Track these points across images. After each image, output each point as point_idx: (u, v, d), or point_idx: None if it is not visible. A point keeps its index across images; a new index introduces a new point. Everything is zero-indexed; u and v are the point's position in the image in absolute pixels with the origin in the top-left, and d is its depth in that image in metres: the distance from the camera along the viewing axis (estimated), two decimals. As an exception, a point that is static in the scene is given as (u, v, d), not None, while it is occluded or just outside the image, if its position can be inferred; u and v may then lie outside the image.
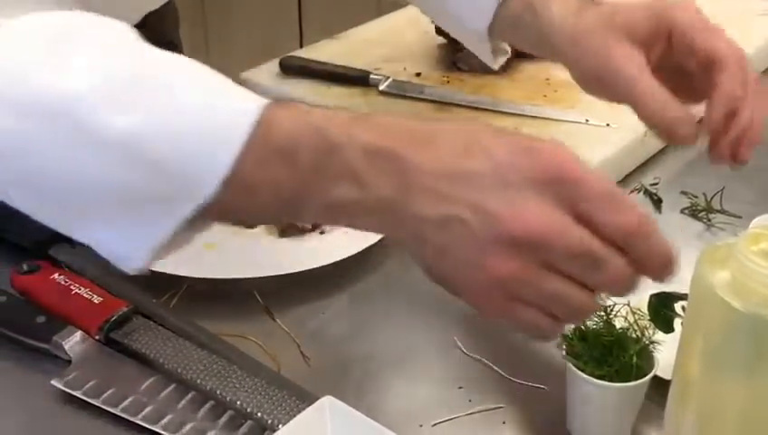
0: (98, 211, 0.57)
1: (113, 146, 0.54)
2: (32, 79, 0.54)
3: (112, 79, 0.54)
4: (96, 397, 0.65)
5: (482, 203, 0.52)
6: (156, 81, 0.55)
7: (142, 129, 0.54)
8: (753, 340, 0.44)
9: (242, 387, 0.65)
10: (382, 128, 0.56)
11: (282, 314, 0.75)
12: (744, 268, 0.44)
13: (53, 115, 0.54)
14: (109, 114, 0.53)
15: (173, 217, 0.56)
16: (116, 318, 0.70)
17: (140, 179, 0.55)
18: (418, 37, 1.19)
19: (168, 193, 0.55)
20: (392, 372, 0.70)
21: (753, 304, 0.43)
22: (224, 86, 0.57)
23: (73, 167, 0.55)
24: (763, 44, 1.20)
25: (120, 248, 0.58)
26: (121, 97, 0.54)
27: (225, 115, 0.55)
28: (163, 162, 0.54)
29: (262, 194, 0.56)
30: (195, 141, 0.54)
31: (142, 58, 0.57)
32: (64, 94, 0.53)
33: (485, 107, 1.02)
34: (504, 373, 0.69)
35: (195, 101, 0.55)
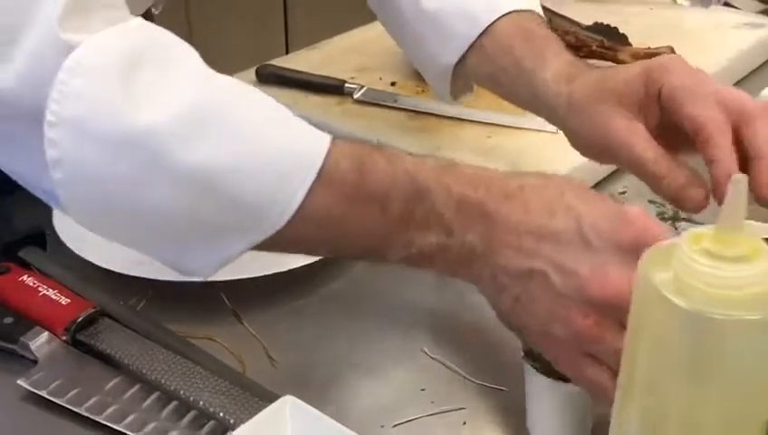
0: (170, 236, 0.60)
1: (186, 179, 0.56)
2: (107, 110, 0.55)
3: (186, 112, 0.56)
4: (61, 396, 0.66)
5: (564, 261, 0.55)
6: (228, 114, 0.57)
7: (214, 163, 0.56)
8: (696, 338, 0.45)
9: (205, 387, 0.65)
10: (471, 178, 0.59)
11: (249, 316, 0.76)
12: (686, 267, 0.44)
13: (128, 147, 0.55)
14: (182, 148, 0.55)
15: (243, 244, 0.59)
16: (82, 319, 0.70)
17: (212, 211, 0.57)
18: (394, 48, 1.19)
19: (239, 224, 0.58)
20: (357, 374, 0.71)
21: (696, 302, 0.44)
22: (293, 121, 0.60)
23: (147, 197, 0.57)
24: (735, 56, 1.21)
25: (189, 266, 0.61)
26: (194, 131, 0.56)
27: (296, 152, 0.58)
28: (234, 196, 0.57)
29: (351, 233, 0.60)
30: (266, 178, 0.57)
31: (212, 89, 0.58)
32: (139, 127, 0.55)
33: (458, 116, 1.03)
34: (467, 376, 0.70)
35: (267, 136, 0.58)
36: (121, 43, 0.57)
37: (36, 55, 0.55)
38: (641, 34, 1.18)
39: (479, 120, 1.02)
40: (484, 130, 1.01)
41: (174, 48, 0.59)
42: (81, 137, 0.55)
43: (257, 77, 1.11)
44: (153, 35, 0.59)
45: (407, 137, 1.00)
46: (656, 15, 1.35)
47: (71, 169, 0.56)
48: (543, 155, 0.96)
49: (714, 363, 0.45)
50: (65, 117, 0.55)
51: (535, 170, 0.62)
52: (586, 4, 0.80)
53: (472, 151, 0.97)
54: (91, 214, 0.60)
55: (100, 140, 0.55)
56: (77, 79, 0.55)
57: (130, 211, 0.58)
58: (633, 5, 1.37)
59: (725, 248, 0.44)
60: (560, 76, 0.75)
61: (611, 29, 1.17)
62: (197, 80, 0.58)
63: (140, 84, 0.56)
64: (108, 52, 0.56)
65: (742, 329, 0.44)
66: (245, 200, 0.57)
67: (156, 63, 0.57)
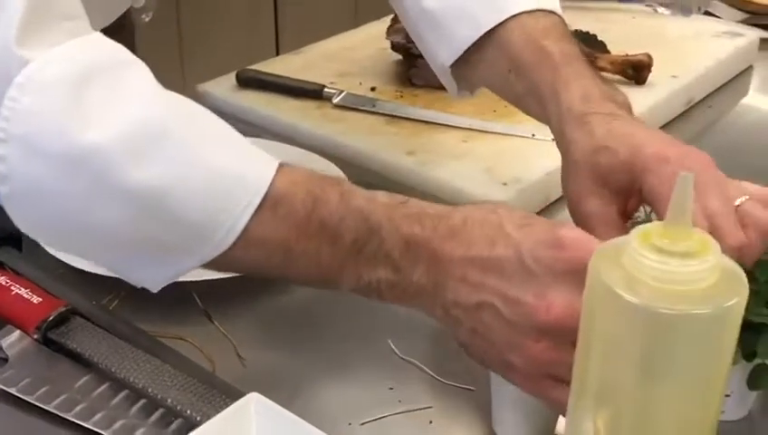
0: (116, 251, 0.61)
1: (131, 197, 0.57)
2: (55, 127, 0.56)
3: (133, 131, 0.56)
4: (30, 394, 0.66)
5: (509, 292, 0.57)
6: (175, 135, 0.58)
7: (160, 183, 0.56)
8: (646, 333, 0.46)
9: (173, 385, 0.66)
10: (420, 216, 0.60)
11: (220, 316, 0.76)
12: (636, 263, 0.45)
13: (74, 165, 0.56)
14: (128, 166, 0.56)
15: (189, 263, 0.60)
16: (54, 318, 0.70)
17: (156, 230, 0.58)
18: (375, 53, 1.21)
19: (184, 244, 0.59)
20: (326, 373, 0.71)
21: (645, 298, 0.45)
22: (242, 144, 0.61)
23: (93, 214, 0.57)
24: (713, 64, 1.23)
25: (136, 279, 0.63)
26: (141, 150, 0.56)
27: (243, 175, 0.59)
28: (179, 216, 0.57)
29: (301, 261, 0.60)
30: (211, 199, 0.57)
31: (161, 108, 0.59)
32: (84, 145, 0.55)
33: (435, 121, 1.04)
34: (435, 375, 0.71)
35: (213, 158, 0.59)
36: (73, 60, 0.57)
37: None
38: (622, 42, 1.19)
39: (455, 125, 1.03)
40: (460, 134, 1.02)
41: (126, 65, 0.60)
42: (29, 154, 0.56)
43: (237, 81, 1.12)
44: (106, 51, 0.60)
45: (384, 141, 1.01)
46: (637, 24, 1.36)
47: (18, 184, 0.57)
48: (518, 159, 0.97)
49: (664, 358, 0.46)
50: (14, 134, 0.56)
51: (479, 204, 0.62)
52: (568, 13, 0.80)
53: (448, 155, 0.98)
54: (38, 228, 0.61)
55: (48, 157, 0.56)
56: (27, 96, 0.56)
57: (77, 227, 0.59)
58: (615, 14, 1.38)
59: (673, 244, 0.44)
60: (569, 114, 0.71)
61: (590, 36, 1.18)
62: (147, 99, 0.59)
63: (90, 102, 0.56)
64: (59, 67, 0.56)
65: (691, 323, 0.45)
66: (190, 220, 0.58)
67: (107, 81, 0.58)
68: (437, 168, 0.96)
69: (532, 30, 0.77)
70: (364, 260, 0.60)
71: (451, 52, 0.82)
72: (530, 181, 0.93)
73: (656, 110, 1.10)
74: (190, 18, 2.24)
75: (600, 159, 0.68)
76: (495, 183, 0.92)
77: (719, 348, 0.46)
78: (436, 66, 0.86)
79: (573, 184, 0.70)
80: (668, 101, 1.13)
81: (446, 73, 0.85)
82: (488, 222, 0.59)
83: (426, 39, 0.86)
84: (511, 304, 0.56)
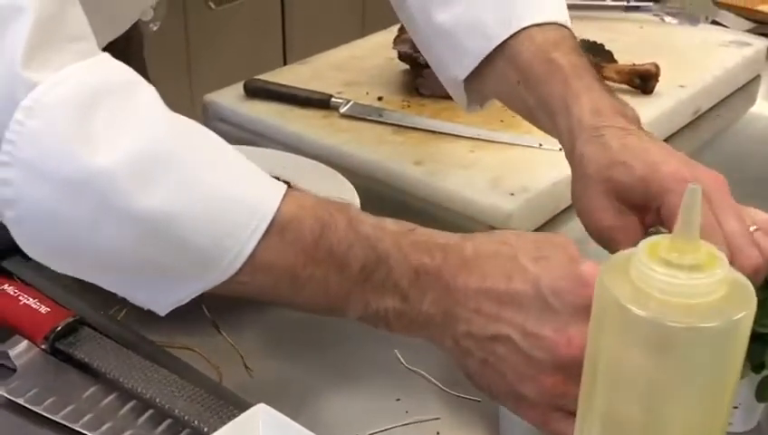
0: (121, 275, 0.61)
1: (138, 222, 0.57)
2: (61, 151, 0.56)
3: (140, 155, 0.56)
4: (38, 404, 0.66)
5: (526, 324, 0.57)
6: (182, 159, 0.58)
7: (166, 208, 0.56)
8: (654, 346, 0.46)
9: (181, 396, 0.66)
10: (428, 245, 0.60)
11: (228, 327, 0.77)
12: (643, 275, 0.45)
13: (81, 188, 0.56)
14: (135, 191, 0.56)
15: (195, 288, 0.60)
16: (62, 328, 0.71)
17: (162, 255, 0.58)
18: (382, 63, 1.21)
19: (190, 269, 0.59)
20: (333, 384, 0.72)
21: (653, 311, 0.45)
22: (249, 169, 0.61)
23: (99, 238, 0.57)
24: (721, 74, 1.22)
25: (142, 302, 0.63)
26: (148, 175, 0.56)
27: (249, 201, 0.59)
28: (185, 241, 0.57)
29: (308, 288, 0.60)
30: (217, 225, 0.57)
31: (168, 133, 0.59)
32: (91, 169, 0.55)
33: (442, 130, 1.04)
34: (442, 386, 0.71)
35: (220, 184, 0.59)
36: (80, 82, 0.57)
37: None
38: (629, 52, 1.19)
39: (462, 135, 1.03)
40: (468, 144, 1.02)
41: (133, 88, 0.60)
42: (35, 177, 0.56)
43: (245, 91, 1.12)
44: (113, 73, 0.60)
45: (391, 150, 1.01)
46: (644, 33, 1.36)
47: (24, 208, 0.57)
48: (525, 169, 0.97)
49: (672, 371, 0.46)
50: (20, 157, 0.56)
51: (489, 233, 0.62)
52: (575, 22, 0.80)
53: (455, 165, 0.98)
54: (45, 252, 0.61)
55: (55, 181, 0.56)
56: (33, 120, 0.55)
57: (83, 250, 0.59)
58: (622, 23, 1.38)
59: (681, 257, 0.44)
60: (580, 128, 0.71)
61: (597, 45, 1.18)
62: (154, 123, 0.59)
63: (97, 125, 0.56)
64: (66, 91, 0.56)
65: (699, 337, 0.45)
66: (196, 246, 0.58)
67: (114, 103, 0.57)
68: (445, 177, 0.96)
69: (542, 42, 0.77)
70: (372, 288, 0.59)
71: (463, 65, 0.82)
72: (537, 191, 0.93)
73: (663, 119, 1.10)
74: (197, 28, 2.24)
75: (616, 174, 0.68)
76: (503, 193, 0.92)
77: (727, 361, 0.46)
78: (448, 79, 0.86)
79: (587, 198, 0.70)
80: (676, 110, 1.13)
81: (457, 87, 0.85)
82: (502, 254, 0.59)
83: (436, 52, 0.86)
84: (530, 338, 0.56)
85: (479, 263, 0.59)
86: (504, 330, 0.57)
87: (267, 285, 0.60)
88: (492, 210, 0.91)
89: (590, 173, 0.69)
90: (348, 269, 0.59)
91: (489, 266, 0.58)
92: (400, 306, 0.59)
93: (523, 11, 0.78)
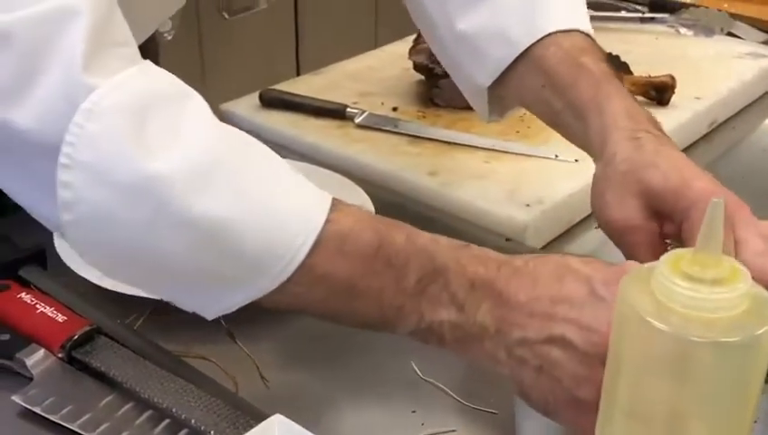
0: (172, 281, 0.61)
1: (192, 227, 0.57)
2: (121, 154, 0.56)
3: (197, 161, 0.57)
4: (55, 413, 0.66)
5: (581, 320, 0.56)
6: (235, 166, 0.59)
7: (220, 213, 0.57)
8: (675, 360, 0.45)
9: (197, 406, 0.66)
10: (482, 258, 0.60)
11: (244, 336, 0.76)
12: (665, 289, 0.45)
13: (139, 192, 0.56)
14: (191, 196, 0.56)
15: (245, 295, 0.60)
16: (78, 337, 0.71)
17: (214, 261, 0.58)
18: (398, 73, 1.22)
19: (241, 276, 0.59)
20: (349, 395, 0.71)
21: (675, 325, 0.44)
22: (299, 180, 0.61)
23: (153, 242, 0.58)
24: (737, 86, 1.22)
25: (190, 308, 0.63)
26: (202, 180, 0.57)
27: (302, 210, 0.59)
28: (237, 248, 0.58)
29: (361, 299, 0.60)
30: (270, 232, 0.58)
31: (222, 139, 0.60)
32: (149, 174, 0.56)
33: (457, 141, 1.04)
34: (458, 398, 0.70)
35: (272, 191, 0.59)
36: (136, 87, 0.58)
37: (55, 97, 0.56)
38: (645, 63, 1.19)
39: (478, 146, 1.03)
40: (483, 155, 1.02)
41: (186, 96, 0.60)
42: (95, 180, 0.56)
43: (261, 101, 1.13)
44: (164, 80, 0.60)
45: (406, 161, 1.01)
46: (660, 45, 1.36)
47: (83, 211, 0.57)
48: (541, 180, 0.97)
49: (693, 385, 0.46)
50: (79, 160, 0.56)
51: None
52: (592, 34, 0.80)
53: (470, 176, 0.98)
54: (98, 254, 0.61)
55: (113, 185, 0.56)
56: (93, 123, 0.56)
57: (138, 255, 0.59)
58: (638, 35, 1.38)
59: (704, 271, 0.44)
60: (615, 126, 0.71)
61: (613, 57, 1.17)
62: (209, 129, 0.59)
63: (153, 130, 0.57)
64: (123, 95, 0.57)
65: (721, 351, 0.45)
66: (249, 252, 0.58)
67: (169, 110, 0.58)
68: (460, 188, 0.96)
69: (570, 47, 0.77)
70: (427, 301, 0.59)
71: (488, 72, 0.81)
72: (553, 202, 0.93)
73: (679, 131, 1.10)
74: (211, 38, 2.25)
75: (648, 177, 0.68)
76: (518, 204, 0.92)
77: (749, 376, 0.46)
78: (470, 88, 0.86)
79: (612, 195, 0.70)
80: (692, 122, 1.13)
81: (479, 95, 0.85)
82: (552, 261, 0.59)
83: (459, 61, 0.85)
84: (585, 332, 0.55)
85: (529, 269, 0.59)
86: (559, 329, 0.56)
87: (322, 297, 0.60)
88: (507, 221, 0.91)
89: (621, 170, 0.69)
90: (405, 280, 0.59)
91: (540, 272, 0.59)
92: (456, 318, 0.59)
93: (547, 17, 0.79)
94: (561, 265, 0.58)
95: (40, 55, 0.56)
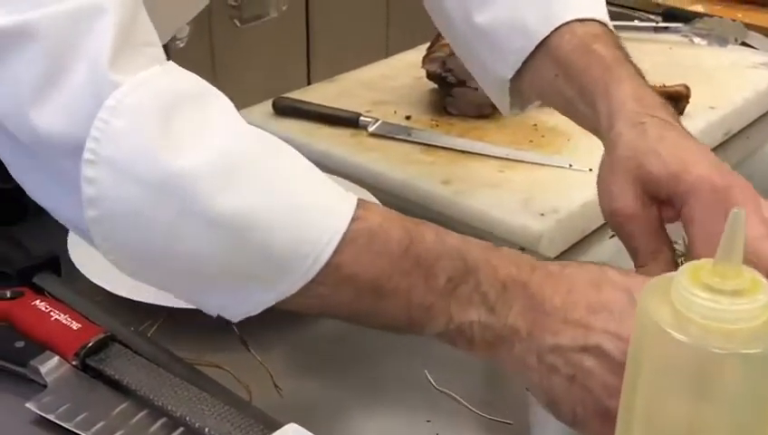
0: (197, 280, 0.61)
1: (217, 225, 0.57)
2: (146, 151, 0.56)
3: (222, 158, 0.57)
4: (69, 420, 0.66)
5: (619, 330, 0.55)
6: (262, 163, 0.58)
7: (247, 211, 0.56)
8: (695, 371, 0.45)
9: (211, 414, 0.66)
10: (515, 259, 0.59)
11: (257, 344, 0.76)
12: (685, 301, 0.44)
13: (163, 190, 0.56)
14: (216, 193, 0.56)
15: (271, 296, 0.59)
16: (92, 344, 0.71)
17: (240, 259, 0.58)
18: (411, 82, 1.21)
19: (267, 275, 0.58)
20: (363, 404, 0.71)
21: (695, 336, 0.44)
22: (323, 179, 0.61)
23: (178, 239, 0.57)
24: (751, 96, 1.22)
25: (213, 310, 0.63)
26: (229, 177, 0.56)
27: (328, 208, 0.58)
28: (264, 245, 0.57)
29: (389, 298, 0.59)
30: (296, 230, 0.57)
31: (247, 138, 0.60)
32: (174, 171, 0.56)
33: (471, 150, 1.04)
34: (473, 408, 0.70)
35: (297, 189, 0.59)
36: (161, 85, 0.58)
37: (81, 94, 0.56)
38: (659, 73, 1.18)
39: (491, 155, 1.03)
40: (497, 164, 1.01)
41: (210, 95, 0.60)
42: (119, 176, 0.56)
43: (274, 109, 1.13)
44: (189, 80, 0.60)
45: (420, 170, 1.01)
46: (674, 55, 1.36)
47: (107, 208, 0.57)
48: (556, 189, 0.96)
49: (713, 397, 0.45)
50: (104, 156, 0.56)
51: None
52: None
53: (484, 185, 0.97)
54: (122, 253, 0.61)
55: (137, 181, 0.56)
56: (118, 119, 0.56)
57: (161, 253, 0.59)
58: (651, 44, 1.38)
59: (724, 282, 0.44)
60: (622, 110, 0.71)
61: (627, 66, 1.17)
62: (233, 127, 0.59)
63: (178, 127, 0.57)
64: (148, 93, 0.57)
65: (741, 363, 0.44)
66: (274, 250, 0.57)
67: (194, 108, 0.58)
68: (473, 197, 0.95)
69: (584, 35, 0.77)
70: (457, 301, 0.58)
71: (508, 65, 0.81)
72: (568, 212, 0.92)
73: (693, 141, 1.09)
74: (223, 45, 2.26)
75: (647, 162, 0.67)
76: (533, 213, 0.92)
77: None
78: (492, 82, 0.86)
79: (612, 180, 0.69)
80: (706, 132, 1.12)
81: (501, 89, 0.84)
82: (588, 268, 0.58)
83: (478, 55, 0.85)
84: (622, 344, 0.54)
85: (565, 274, 0.58)
86: (595, 339, 0.55)
87: (348, 299, 0.59)
88: (522, 231, 0.90)
89: (623, 155, 0.69)
90: (434, 280, 0.58)
91: (576, 279, 0.58)
92: (486, 319, 0.58)
93: (564, 7, 0.79)
94: (598, 273, 0.58)
95: (66, 52, 0.56)
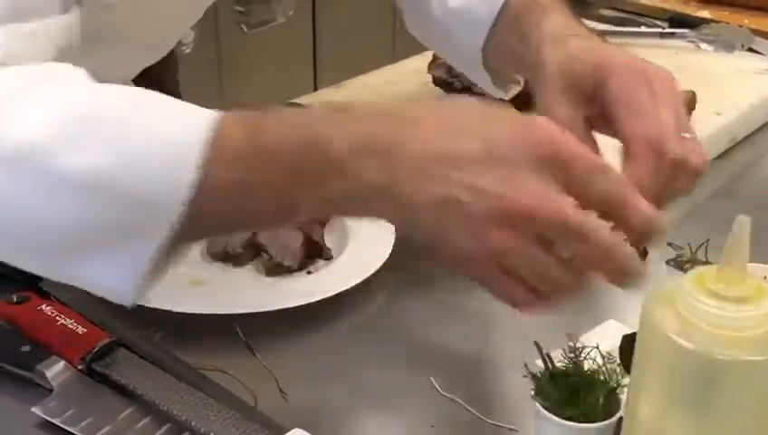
0: (74, 250, 0.58)
1: (74, 187, 0.55)
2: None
3: (66, 122, 0.55)
4: (74, 425, 0.66)
5: (477, 183, 0.54)
6: (107, 116, 0.56)
7: (98, 165, 0.55)
8: (700, 378, 0.45)
9: (217, 420, 0.66)
10: (365, 113, 0.58)
11: (262, 350, 0.76)
12: (690, 307, 0.45)
13: (14, 165, 0.55)
14: (66, 157, 0.54)
15: (149, 246, 0.56)
16: (98, 349, 0.71)
17: (106, 216, 0.56)
18: (417, 88, 1.22)
19: (138, 224, 0.56)
20: (368, 409, 0.71)
21: (699, 343, 0.44)
22: (175, 107, 0.58)
23: (41, 212, 0.56)
24: (758, 102, 1.21)
25: (106, 282, 0.59)
26: (76, 138, 0.55)
27: (179, 137, 0.56)
28: (126, 193, 0.55)
29: (257, 195, 0.57)
30: (153, 169, 0.55)
31: (94, 97, 0.58)
32: (21, 143, 0.55)
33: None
34: (477, 413, 0.70)
35: (147, 128, 0.57)
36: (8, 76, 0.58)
37: None
38: (664, 78, 1.19)
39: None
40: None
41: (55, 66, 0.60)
42: None
43: (281, 115, 1.13)
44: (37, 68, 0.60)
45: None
46: (680, 60, 1.35)
47: None
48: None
49: (718, 403, 0.46)
50: None
51: None
52: (610, 48, 0.81)
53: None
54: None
55: None
56: None
57: (30, 231, 0.57)
58: (657, 50, 1.38)
59: (729, 289, 0.44)
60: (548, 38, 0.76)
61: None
62: (72, 90, 0.58)
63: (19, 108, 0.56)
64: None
65: (746, 370, 0.44)
66: (136, 196, 0.55)
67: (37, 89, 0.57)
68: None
69: None
70: (312, 175, 0.56)
71: (478, 35, 0.85)
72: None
73: (699, 147, 1.09)
74: (230, 50, 2.26)
75: (572, 67, 0.72)
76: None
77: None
78: (468, 58, 0.88)
79: (545, 93, 0.73)
80: (712, 138, 1.12)
81: (476, 64, 0.87)
82: (448, 115, 0.57)
83: (454, 34, 0.88)
84: (478, 195, 0.53)
85: (422, 121, 0.56)
86: (452, 191, 0.54)
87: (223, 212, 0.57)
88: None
89: (552, 71, 0.72)
90: (284, 163, 0.56)
91: (434, 125, 0.56)
92: (345, 185, 0.56)
93: None
94: (457, 121, 0.56)
95: None
